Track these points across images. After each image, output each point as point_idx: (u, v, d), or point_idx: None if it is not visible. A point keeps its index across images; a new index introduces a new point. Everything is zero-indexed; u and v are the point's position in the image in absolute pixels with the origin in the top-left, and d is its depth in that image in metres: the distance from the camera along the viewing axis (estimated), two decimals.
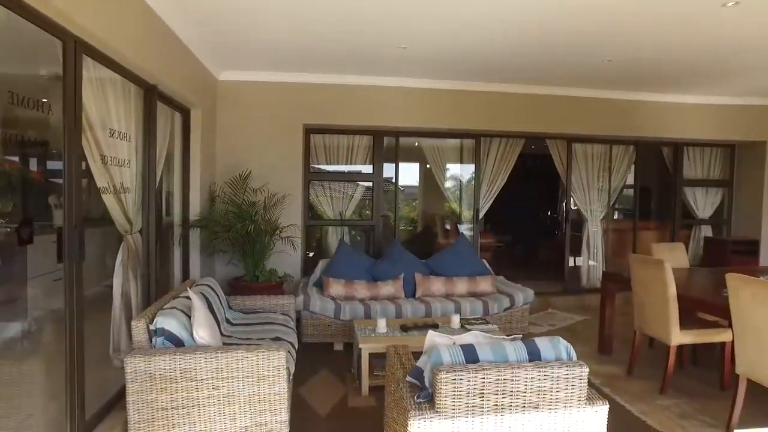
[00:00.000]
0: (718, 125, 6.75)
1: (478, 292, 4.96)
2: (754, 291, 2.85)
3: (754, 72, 5.34)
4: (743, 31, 4.04)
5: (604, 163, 6.90)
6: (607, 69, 5.18)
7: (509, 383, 2.03)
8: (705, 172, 7.31)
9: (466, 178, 6.66)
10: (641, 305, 3.95)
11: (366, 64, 5.17)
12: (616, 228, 7.52)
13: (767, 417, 3.30)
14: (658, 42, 4.34)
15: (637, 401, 3.59)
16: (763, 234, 6.90)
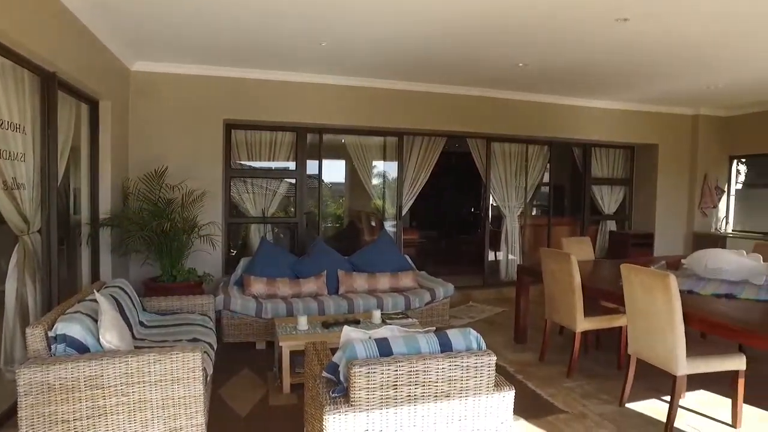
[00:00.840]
0: (621, 128, 7.31)
1: (400, 288, 5.06)
2: (642, 279, 3.13)
3: (647, 81, 5.84)
4: (633, 44, 4.41)
5: (521, 162, 7.27)
6: (522, 73, 5.45)
7: (421, 374, 2.10)
8: (610, 171, 7.90)
9: (389, 176, 6.76)
10: (551, 295, 4.21)
11: (287, 60, 5.11)
12: (533, 223, 7.94)
13: (652, 390, 3.66)
14: (563, 50, 4.63)
15: (547, 385, 3.83)
16: (656, 228, 7.59)
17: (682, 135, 7.70)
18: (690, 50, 4.59)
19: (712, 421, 3.30)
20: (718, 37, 4.22)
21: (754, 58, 4.82)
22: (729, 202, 7.96)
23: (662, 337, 3.06)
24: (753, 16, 3.70)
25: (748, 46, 4.45)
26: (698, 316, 2.99)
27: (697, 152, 7.71)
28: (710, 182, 7.71)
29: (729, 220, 7.96)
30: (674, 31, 4.07)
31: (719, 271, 3.89)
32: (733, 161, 7.98)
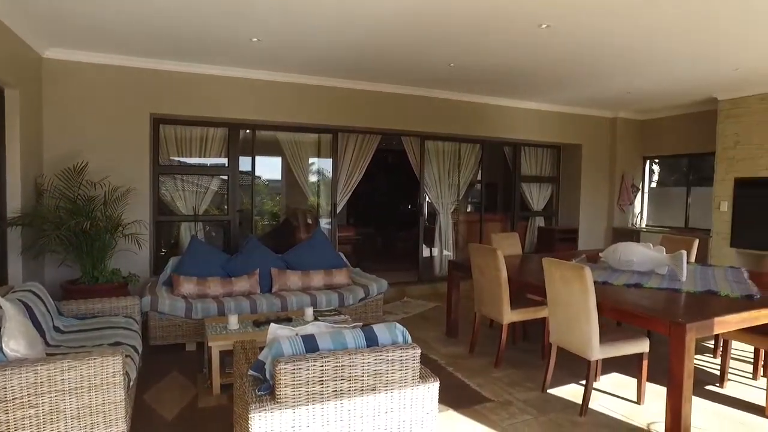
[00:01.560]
0: (548, 129, 7.68)
1: (334, 285, 5.07)
2: (561, 272, 3.32)
3: (570, 85, 6.17)
4: (555, 50, 4.65)
5: (454, 160, 7.46)
6: (452, 73, 5.60)
7: (347, 369, 2.13)
8: (538, 170, 8.27)
9: (324, 173, 6.74)
10: (479, 289, 4.37)
11: (219, 54, 4.97)
12: (467, 220, 8.19)
13: (572, 376, 3.88)
14: (490, 53, 4.81)
15: (476, 376, 3.97)
16: (580, 223, 8.04)
17: (602, 136, 8.19)
18: (607, 58, 4.90)
19: (621, 400, 3.56)
20: (633, 47, 4.53)
21: (665, 67, 5.21)
22: (643, 199, 8.57)
23: (579, 326, 3.27)
24: (662, 28, 4.00)
25: (659, 56, 4.81)
26: (610, 305, 3.21)
27: (615, 153, 8.23)
28: (627, 181, 8.26)
29: (643, 215, 8.56)
30: (592, 40, 4.33)
31: (630, 263, 4.18)
32: (646, 161, 8.59)
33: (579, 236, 7.98)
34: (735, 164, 6.45)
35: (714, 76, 5.63)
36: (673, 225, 8.08)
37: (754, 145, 6.24)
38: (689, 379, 2.79)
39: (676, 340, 2.77)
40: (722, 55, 4.84)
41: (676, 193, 8.31)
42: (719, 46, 4.55)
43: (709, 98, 6.75)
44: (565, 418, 3.27)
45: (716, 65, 5.19)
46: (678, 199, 8.14)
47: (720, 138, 6.62)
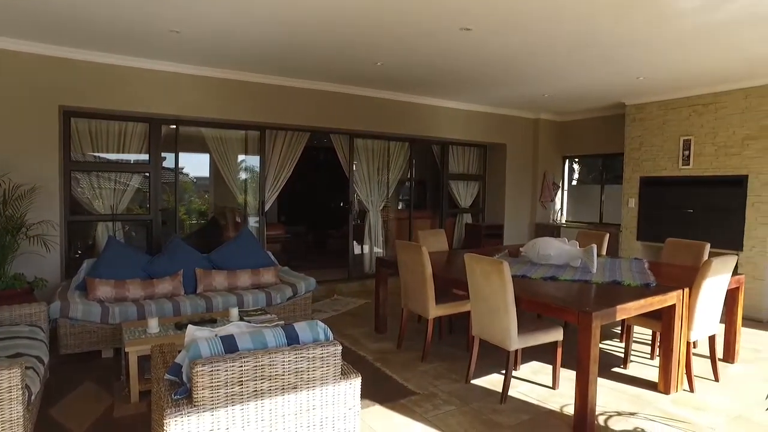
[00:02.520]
0: (474, 128, 7.93)
1: (261, 284, 4.99)
2: (482, 267, 3.46)
3: (493, 87, 6.42)
4: (477, 52, 4.82)
5: (383, 158, 7.55)
6: (380, 72, 5.66)
7: (267, 368, 2.12)
8: (465, 168, 8.54)
9: (253, 170, 6.60)
10: (406, 285, 4.46)
11: (136, 45, 4.73)
12: (398, 217, 8.31)
13: (494, 366, 4.06)
14: (415, 54, 4.90)
15: (403, 370, 4.05)
16: (505, 219, 8.40)
17: (525, 136, 8.58)
18: (525, 62, 5.13)
19: (538, 386, 3.77)
20: (549, 53, 4.78)
21: (579, 73, 5.54)
22: (563, 196, 9.08)
23: (498, 319, 3.42)
24: (575, 38, 4.26)
25: (573, 63, 5.11)
26: (527, 297, 3.39)
27: (537, 152, 8.66)
28: (548, 179, 8.71)
29: (563, 211, 9.07)
30: (512, 43, 4.52)
31: (548, 257, 4.43)
32: (565, 161, 9.10)
33: (504, 232, 8.33)
34: (640, 164, 6.98)
35: (621, 83, 6.06)
36: (590, 220, 8.62)
37: (655, 147, 6.79)
38: (595, 364, 3.00)
39: (583, 327, 2.97)
40: (628, 65, 5.22)
41: (592, 190, 8.88)
42: (626, 57, 4.90)
43: (618, 103, 7.26)
44: (486, 406, 3.42)
45: (623, 73, 5.58)
46: (594, 197, 8.69)
47: (627, 140, 7.14)
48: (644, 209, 6.95)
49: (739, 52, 4.69)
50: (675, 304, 3.52)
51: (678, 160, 6.54)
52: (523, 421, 3.23)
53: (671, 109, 6.62)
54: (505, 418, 3.26)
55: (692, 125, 6.40)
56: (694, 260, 4.61)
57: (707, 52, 4.70)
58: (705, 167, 6.27)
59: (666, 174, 6.69)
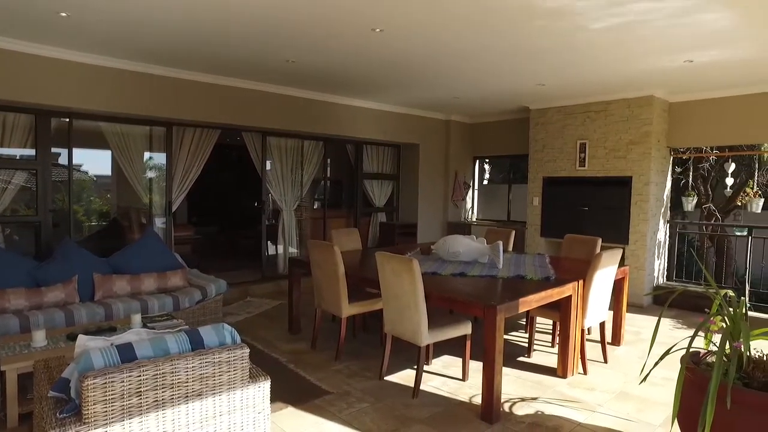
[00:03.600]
0: (388, 129, 8.05)
1: (168, 288, 4.73)
2: (392, 265, 3.52)
3: (405, 88, 6.55)
4: (389, 53, 4.89)
5: (297, 157, 7.45)
6: (291, 69, 5.57)
7: (169, 376, 2.01)
8: (380, 167, 8.64)
9: (159, 168, 6.24)
10: (318, 285, 4.43)
11: (18, 27, 4.28)
12: (312, 216, 8.24)
13: (407, 362, 4.15)
14: (327, 53, 4.88)
15: (317, 370, 4.03)
16: (419, 218, 8.61)
17: (438, 137, 8.85)
18: (434, 65, 5.29)
19: (450, 379, 3.90)
20: (456, 58, 4.96)
21: (486, 78, 5.80)
22: (474, 195, 9.47)
23: (409, 315, 3.50)
24: (481, 47, 4.45)
25: (481, 68, 5.33)
26: (437, 294, 3.50)
27: (449, 152, 8.96)
28: (459, 179, 9.05)
29: (474, 210, 9.47)
30: (420, 47, 4.64)
31: (457, 254, 4.60)
32: (476, 161, 9.50)
33: (418, 230, 8.54)
34: (543, 165, 7.46)
35: (525, 89, 6.43)
36: (499, 218, 9.07)
37: (556, 149, 7.29)
38: (500, 354, 3.16)
39: (488, 320, 3.12)
40: (531, 73, 5.54)
41: (501, 189, 9.35)
42: (527, 66, 5.20)
43: (523, 107, 7.70)
44: (399, 401, 3.49)
45: (527, 80, 5.93)
46: (502, 195, 9.16)
47: (531, 142, 7.60)
48: (547, 207, 7.43)
49: (623, 66, 5.15)
50: (571, 295, 3.80)
51: (575, 162, 7.06)
52: (435, 413, 3.33)
53: (569, 114, 7.13)
54: (417, 411, 3.35)
55: (587, 130, 6.94)
56: (588, 254, 5.00)
57: (598, 65, 5.11)
58: (598, 169, 6.83)
59: (565, 174, 7.20)
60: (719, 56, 4.72)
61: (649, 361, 2.90)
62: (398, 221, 8.76)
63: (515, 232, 5.95)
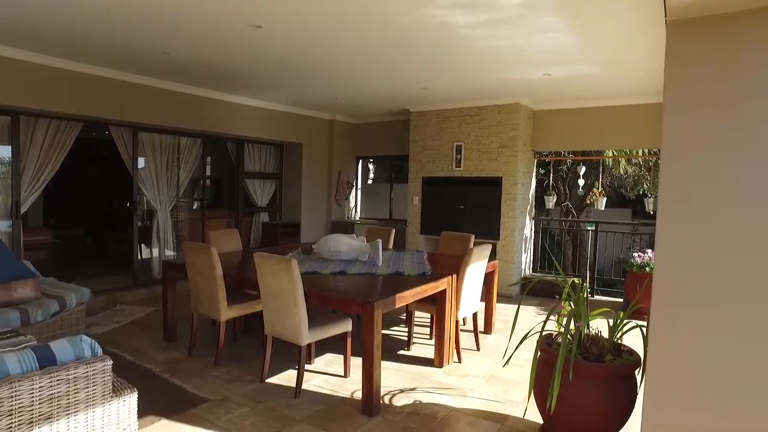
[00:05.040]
0: (271, 127, 7.89)
1: (14, 300, 4.17)
2: (271, 265, 3.48)
3: (288, 86, 6.48)
4: (268, 50, 4.81)
5: (173, 154, 7.02)
6: (167, 62, 5.24)
7: (7, 402, 1.80)
8: (262, 166, 8.45)
9: (4, 163, 5.49)
10: (195, 288, 4.23)
11: None
12: (190, 217, 7.80)
13: (289, 363, 4.11)
14: (206, 46, 4.67)
15: (194, 378, 3.84)
16: (302, 218, 8.57)
17: (321, 136, 8.86)
18: (314, 64, 5.29)
19: (332, 376, 3.94)
20: (338, 59, 5.01)
21: (368, 79, 5.93)
22: (357, 194, 9.63)
23: (289, 315, 3.48)
24: (362, 48, 4.54)
25: (362, 70, 5.44)
26: (316, 292, 3.52)
27: (333, 152, 9.02)
28: (343, 178, 9.15)
29: (357, 209, 9.63)
30: (299, 46, 4.62)
31: (338, 252, 4.65)
32: (359, 161, 9.67)
33: (301, 230, 8.49)
34: (422, 165, 7.81)
35: (406, 91, 6.68)
36: (381, 217, 9.32)
37: (434, 150, 7.67)
38: (378, 349, 3.27)
39: (367, 316, 3.21)
40: (413, 76, 5.77)
41: (383, 189, 9.61)
42: (411, 69, 5.42)
43: (404, 110, 7.99)
44: (281, 403, 3.45)
45: (408, 83, 6.16)
46: (384, 195, 9.42)
47: (411, 143, 7.91)
48: (426, 206, 7.79)
49: (495, 75, 5.57)
50: (446, 288, 4.04)
51: (452, 163, 7.49)
52: (317, 411, 3.35)
53: (446, 118, 7.54)
54: (298, 411, 3.34)
55: (462, 133, 7.39)
56: (463, 250, 5.32)
57: (473, 72, 5.48)
58: (472, 169, 7.31)
59: (443, 175, 7.60)
60: (570, 72, 5.31)
61: (512, 346, 3.19)
62: (281, 221, 8.62)
63: (396, 230, 6.16)
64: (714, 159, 2.12)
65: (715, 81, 2.12)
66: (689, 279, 2.15)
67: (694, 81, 2.16)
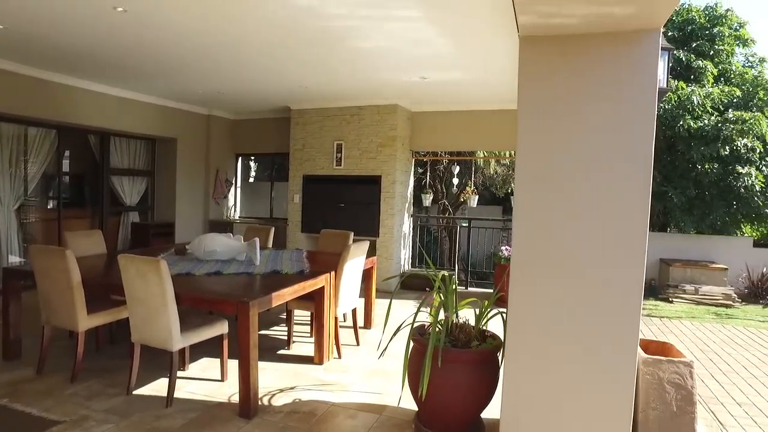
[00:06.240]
0: (141, 120, 7.32)
1: None
2: (137, 267, 3.24)
3: (160, 77, 6.06)
4: (136, 36, 4.47)
5: (19, 146, 6.21)
6: (12, 40, 4.63)
7: None
8: (131, 162, 7.80)
9: None
10: (46, 298, 3.78)
11: None
12: (46, 218, 6.96)
13: (160, 370, 3.86)
14: (67, 26, 4.21)
15: (44, 399, 3.43)
16: (177, 217, 8.07)
17: (198, 132, 8.42)
18: (190, 56, 5.02)
19: (208, 381, 3.78)
20: (213, 51, 4.79)
21: (249, 75, 5.75)
22: (236, 193, 9.30)
23: (158, 320, 3.27)
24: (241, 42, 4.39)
25: (242, 65, 5.26)
26: (188, 294, 3.35)
27: (210, 148, 8.61)
28: (221, 176, 8.78)
29: (237, 208, 9.30)
30: (170, 35, 4.35)
31: (213, 252, 4.46)
32: (239, 158, 9.34)
33: (176, 230, 8.00)
34: (303, 163, 7.77)
35: (288, 89, 6.59)
36: (262, 216, 9.10)
37: (314, 148, 7.67)
38: (255, 349, 3.20)
39: (242, 316, 3.13)
40: (293, 73, 5.70)
41: (264, 187, 9.38)
42: (291, 67, 5.34)
43: (285, 107, 7.87)
44: (150, 414, 3.23)
45: (289, 81, 6.08)
46: (265, 193, 9.21)
47: (292, 141, 7.83)
48: (307, 204, 7.76)
49: (374, 76, 5.72)
50: (324, 286, 4.06)
51: (333, 161, 7.54)
52: (191, 419, 3.19)
53: (327, 116, 7.57)
54: (171, 421, 3.15)
55: (343, 132, 7.47)
56: (342, 247, 5.38)
57: (354, 72, 5.57)
58: (352, 168, 7.42)
59: (324, 173, 7.62)
60: (444, 76, 5.63)
61: (387, 339, 3.30)
62: (153, 221, 8.05)
63: (277, 229, 6.06)
64: (555, 161, 2.39)
65: (559, 91, 2.40)
66: (536, 267, 2.41)
67: (542, 90, 2.42)
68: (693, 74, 9.48)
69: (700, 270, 8.42)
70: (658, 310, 7.46)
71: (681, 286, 8.25)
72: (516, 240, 2.45)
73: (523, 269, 2.46)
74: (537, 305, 2.44)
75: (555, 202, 2.39)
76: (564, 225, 2.38)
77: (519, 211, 2.47)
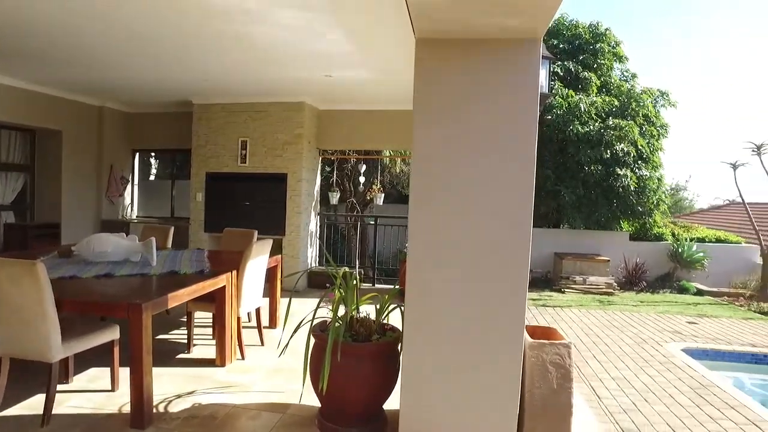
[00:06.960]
0: (17, 108, 6.61)
1: None
2: (9, 272, 2.94)
3: (45, 63, 5.52)
4: (16, 15, 4.05)
5: None
6: None
7: None
8: (5, 155, 7.04)
9: None
10: None
11: None
12: None
13: (38, 386, 3.47)
14: None
15: None
16: (63, 217, 7.41)
17: (88, 124, 7.78)
18: (69, 39, 4.63)
19: (96, 393, 3.52)
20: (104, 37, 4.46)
21: (146, 65, 5.40)
22: (133, 191, 8.72)
23: (35, 329, 2.98)
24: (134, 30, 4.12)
25: (137, 53, 4.94)
26: (70, 299, 3.10)
27: (103, 143, 8.00)
28: (116, 172, 8.18)
29: (134, 207, 8.72)
30: (57, 17, 3.99)
31: (105, 254, 4.17)
32: (136, 154, 8.76)
33: (63, 231, 7.34)
34: (206, 161, 7.46)
35: (189, 82, 6.29)
36: (162, 215, 8.62)
37: (219, 145, 7.40)
38: (148, 354, 3.04)
39: (134, 320, 2.95)
40: (194, 65, 5.45)
41: (165, 185, 8.88)
42: (192, 57, 5.10)
43: (187, 101, 7.50)
44: None
45: (190, 73, 5.80)
46: (166, 191, 8.72)
47: (194, 137, 7.50)
48: (210, 202, 7.47)
49: (280, 73, 5.63)
50: (225, 285, 3.95)
51: (237, 158, 7.32)
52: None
53: (232, 112, 7.33)
54: None
55: (248, 128, 7.28)
56: (246, 246, 5.27)
57: (259, 68, 5.44)
58: (258, 165, 7.26)
59: (228, 170, 7.38)
60: (349, 75, 5.67)
61: (288, 337, 3.28)
62: (33, 221, 7.33)
63: (178, 228, 5.78)
64: (446, 159, 2.52)
65: (451, 91, 2.53)
66: (430, 262, 2.52)
67: (435, 90, 2.54)
68: (580, 84, 10.34)
69: (588, 262, 9.23)
70: (552, 300, 8.07)
71: (572, 278, 8.99)
72: (412, 236, 2.55)
73: (418, 264, 2.57)
74: (431, 297, 2.56)
75: (446, 199, 2.52)
76: (455, 221, 2.51)
77: (414, 209, 2.57)
